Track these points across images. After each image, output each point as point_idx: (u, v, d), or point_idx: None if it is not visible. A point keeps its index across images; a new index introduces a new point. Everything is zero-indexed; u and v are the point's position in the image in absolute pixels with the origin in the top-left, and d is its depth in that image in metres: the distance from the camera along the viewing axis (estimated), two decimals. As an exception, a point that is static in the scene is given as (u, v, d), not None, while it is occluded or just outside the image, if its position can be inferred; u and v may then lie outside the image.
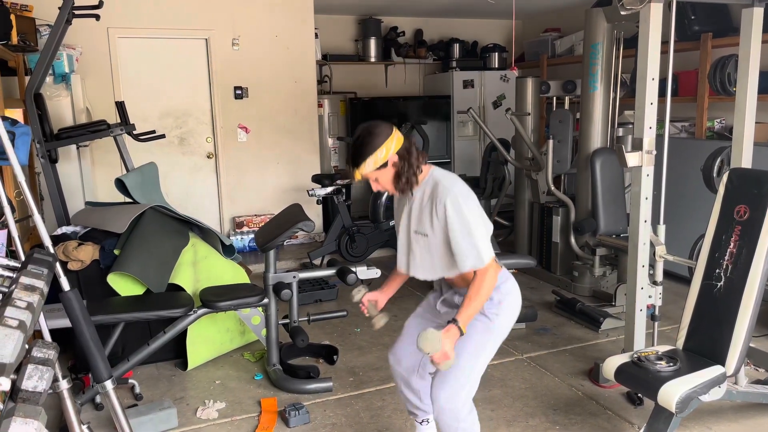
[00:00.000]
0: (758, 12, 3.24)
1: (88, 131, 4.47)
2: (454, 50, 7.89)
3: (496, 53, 7.98)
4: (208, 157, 6.35)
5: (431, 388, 2.37)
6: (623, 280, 4.53)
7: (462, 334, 2.19)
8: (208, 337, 3.79)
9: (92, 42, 5.61)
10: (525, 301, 4.84)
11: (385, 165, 2.21)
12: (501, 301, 2.34)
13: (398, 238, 2.44)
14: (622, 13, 3.06)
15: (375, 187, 2.31)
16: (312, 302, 4.88)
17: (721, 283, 2.83)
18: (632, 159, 3.15)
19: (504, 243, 6.22)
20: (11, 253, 2.39)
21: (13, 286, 1.76)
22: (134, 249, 3.58)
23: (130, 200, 4.05)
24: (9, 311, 1.63)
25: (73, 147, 5.00)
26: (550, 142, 5.05)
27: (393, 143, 2.21)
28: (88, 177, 5.29)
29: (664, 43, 3.10)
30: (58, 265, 2.05)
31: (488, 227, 2.31)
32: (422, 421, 2.72)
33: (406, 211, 2.36)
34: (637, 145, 3.15)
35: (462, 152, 7.84)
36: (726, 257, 2.83)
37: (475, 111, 5.55)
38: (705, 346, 2.82)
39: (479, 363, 2.34)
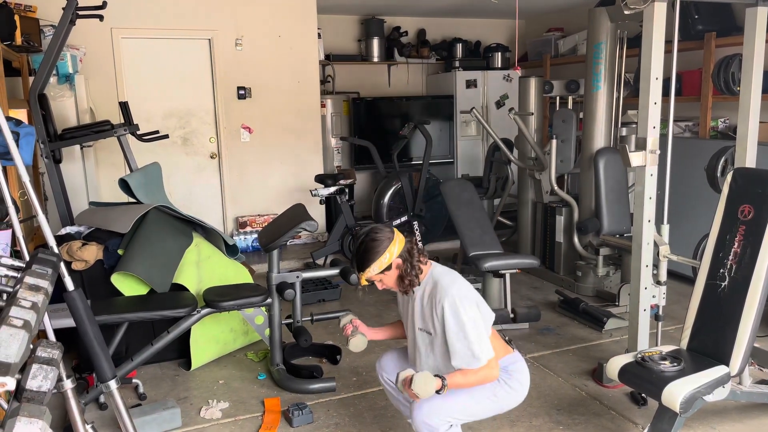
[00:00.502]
0: (762, 11, 3.23)
1: (91, 131, 4.48)
2: (457, 50, 7.89)
3: (499, 53, 7.97)
4: (212, 157, 6.36)
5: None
6: (627, 280, 4.52)
7: (442, 388, 2.19)
8: (211, 337, 3.79)
9: (96, 42, 5.62)
10: (528, 300, 4.85)
11: (389, 268, 2.31)
12: (506, 381, 2.39)
13: (406, 331, 2.52)
14: (626, 12, 3.06)
15: (380, 287, 2.40)
16: (315, 302, 4.88)
17: (726, 282, 2.82)
18: (636, 159, 3.14)
19: (507, 243, 6.21)
20: (16, 253, 2.40)
21: (18, 286, 1.77)
22: (138, 249, 3.58)
23: (134, 200, 4.05)
24: (14, 311, 1.63)
25: (77, 147, 5.02)
26: (554, 141, 5.05)
27: (395, 247, 2.30)
28: (92, 177, 5.31)
29: (668, 42, 3.10)
30: (62, 264, 2.05)
31: (488, 321, 2.35)
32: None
33: (410, 308, 2.44)
34: (641, 145, 3.14)
35: (465, 152, 7.84)
36: (730, 257, 2.82)
37: (478, 111, 5.54)
38: (709, 346, 2.82)
39: (464, 415, 2.36)
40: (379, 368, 2.69)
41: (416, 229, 5.54)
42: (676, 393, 2.53)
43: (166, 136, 4.94)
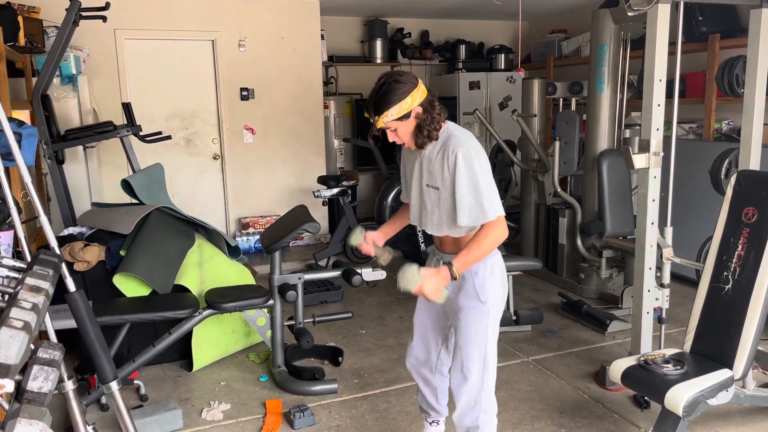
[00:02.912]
0: (766, 13, 3.21)
1: (94, 132, 4.49)
2: (461, 51, 7.88)
3: (503, 54, 7.96)
4: (215, 158, 6.36)
5: (451, 385, 2.41)
6: (630, 283, 4.50)
7: (454, 278, 2.15)
8: (213, 339, 3.79)
9: (99, 43, 5.63)
10: (531, 303, 4.84)
11: (407, 116, 2.14)
12: (488, 278, 2.29)
13: (410, 191, 2.39)
14: (630, 14, 3.05)
15: (391, 138, 2.23)
16: (317, 303, 4.88)
17: (729, 285, 2.81)
18: (639, 161, 3.13)
19: (510, 244, 6.20)
20: (18, 254, 2.40)
21: (19, 287, 1.77)
22: (140, 250, 3.58)
23: (137, 201, 4.05)
24: (14, 312, 1.63)
25: (80, 148, 5.02)
26: (557, 143, 5.03)
27: (418, 94, 2.14)
28: (95, 178, 5.31)
29: (672, 44, 3.09)
30: (63, 266, 2.05)
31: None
32: (432, 422, 2.72)
33: (418, 164, 2.31)
34: (644, 147, 3.13)
35: (468, 154, 7.82)
36: (734, 260, 2.81)
37: (482, 112, 5.53)
38: (712, 349, 2.80)
39: (488, 348, 2.35)
40: (412, 359, 2.60)
41: (419, 231, 5.54)
42: (679, 396, 2.51)
43: (168, 137, 4.95)
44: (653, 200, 3.20)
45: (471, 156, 2.13)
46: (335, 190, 5.69)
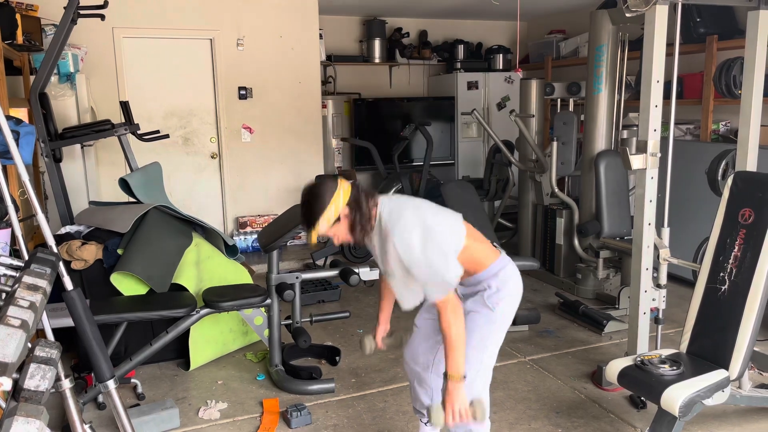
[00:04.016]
0: (764, 14, 3.22)
1: (92, 131, 4.48)
2: (459, 51, 7.89)
3: (501, 55, 7.97)
4: (212, 157, 6.36)
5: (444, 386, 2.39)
6: (627, 283, 4.51)
7: (462, 378, 2.16)
8: (210, 338, 3.79)
9: (97, 42, 5.62)
10: (528, 303, 4.85)
11: (338, 220, 2.19)
12: (500, 288, 2.31)
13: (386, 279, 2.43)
14: (627, 15, 3.05)
15: (336, 242, 2.28)
16: (315, 303, 4.88)
17: (726, 286, 2.81)
18: (636, 161, 3.14)
19: (507, 245, 6.20)
20: (15, 252, 2.39)
21: (16, 286, 1.76)
22: (137, 249, 3.58)
23: (134, 200, 4.05)
24: (11, 310, 1.63)
25: (78, 146, 5.01)
26: (554, 143, 5.04)
27: (340, 198, 2.18)
28: (93, 176, 5.30)
29: (669, 45, 3.09)
30: (61, 264, 2.05)
31: (451, 236, 2.25)
32: (428, 422, 2.72)
33: (375, 252, 2.35)
34: (642, 148, 3.14)
35: (466, 154, 7.84)
36: (730, 261, 2.82)
37: (479, 112, 5.54)
38: (709, 349, 2.81)
39: (486, 355, 2.34)
40: (409, 358, 2.61)
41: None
42: (675, 397, 2.52)
43: (166, 136, 4.94)
44: (650, 201, 3.21)
45: (404, 238, 2.14)
46: (333, 190, 5.68)
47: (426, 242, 2.15)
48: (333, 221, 2.18)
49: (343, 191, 2.20)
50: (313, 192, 2.21)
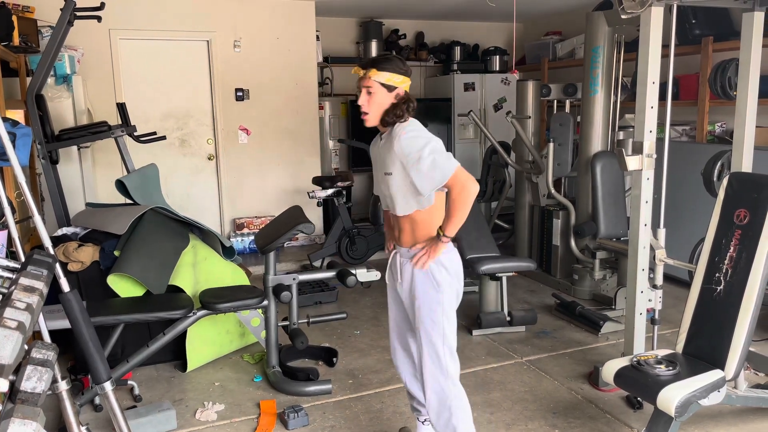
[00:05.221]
0: (759, 16, 3.24)
1: (89, 132, 4.48)
2: (455, 53, 7.90)
3: (497, 56, 7.99)
4: (209, 158, 6.36)
5: (420, 370, 2.50)
6: (623, 284, 4.52)
7: (449, 241, 2.37)
8: (207, 339, 3.79)
9: (94, 43, 5.62)
10: (525, 304, 4.86)
11: (390, 89, 2.34)
12: (437, 270, 2.42)
13: (379, 184, 2.52)
14: (623, 16, 3.06)
15: (363, 101, 2.36)
16: (312, 304, 4.88)
17: (721, 287, 2.82)
18: (633, 162, 3.14)
19: (504, 246, 6.22)
20: (11, 254, 2.39)
21: (13, 287, 1.76)
22: (134, 250, 3.58)
23: (131, 201, 4.05)
24: (8, 312, 1.63)
25: (74, 148, 5.01)
26: (551, 145, 5.06)
27: (406, 83, 2.37)
28: (89, 178, 5.30)
29: (665, 46, 3.11)
30: (58, 266, 2.05)
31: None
32: (425, 420, 2.74)
33: (378, 156, 2.48)
34: (638, 149, 3.15)
35: (463, 155, 7.84)
36: (726, 261, 2.83)
37: (476, 114, 5.55)
38: (705, 350, 2.82)
39: (447, 331, 2.43)
40: (396, 359, 2.73)
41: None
42: (671, 397, 2.53)
43: (163, 138, 4.94)
44: (646, 202, 3.22)
45: (412, 133, 2.33)
46: (330, 191, 5.70)
47: (431, 140, 2.34)
48: (389, 84, 2.34)
49: (407, 84, 2.39)
50: (398, 56, 2.38)
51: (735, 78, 4.53)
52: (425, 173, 2.28)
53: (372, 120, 2.39)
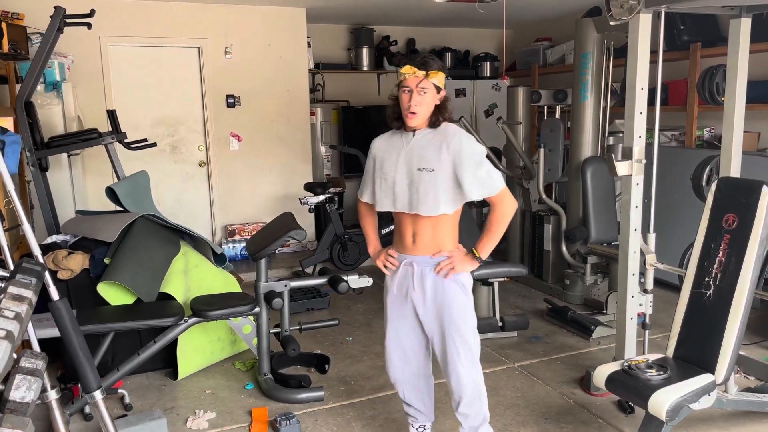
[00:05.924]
0: (746, 22, 3.27)
1: (79, 140, 4.46)
2: (446, 59, 7.93)
3: (488, 62, 8.02)
4: (200, 165, 6.34)
5: (448, 370, 2.52)
6: (614, 288, 4.54)
7: (479, 262, 2.49)
8: (198, 347, 3.77)
9: (84, 50, 5.60)
10: (516, 309, 4.87)
11: (439, 90, 2.43)
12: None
13: (393, 181, 2.50)
14: (612, 23, 3.09)
15: (416, 102, 2.39)
16: (304, 311, 4.87)
17: (711, 291, 2.84)
18: (622, 168, 3.16)
19: (496, 251, 6.22)
20: (0, 263, 2.38)
21: (1, 296, 1.75)
22: (125, 258, 3.56)
23: (121, 209, 4.03)
24: (-4, 321, 1.62)
25: (64, 155, 4.98)
26: (542, 150, 5.08)
27: (443, 84, 2.46)
28: (79, 185, 5.27)
29: (654, 52, 3.13)
30: (47, 274, 2.04)
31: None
32: (419, 426, 2.74)
33: (404, 153, 2.48)
34: (627, 154, 3.17)
35: (454, 161, 7.86)
36: (715, 266, 2.85)
37: (467, 120, 5.56)
38: (695, 354, 2.83)
39: (474, 327, 2.53)
40: (394, 369, 2.71)
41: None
42: (662, 401, 2.54)
43: (154, 145, 4.92)
44: (636, 207, 3.24)
45: (472, 140, 2.42)
46: (322, 197, 5.69)
47: (485, 152, 2.46)
48: (440, 85, 2.42)
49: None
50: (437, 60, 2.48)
51: (723, 84, 4.57)
52: (482, 179, 2.37)
53: (419, 120, 2.43)
